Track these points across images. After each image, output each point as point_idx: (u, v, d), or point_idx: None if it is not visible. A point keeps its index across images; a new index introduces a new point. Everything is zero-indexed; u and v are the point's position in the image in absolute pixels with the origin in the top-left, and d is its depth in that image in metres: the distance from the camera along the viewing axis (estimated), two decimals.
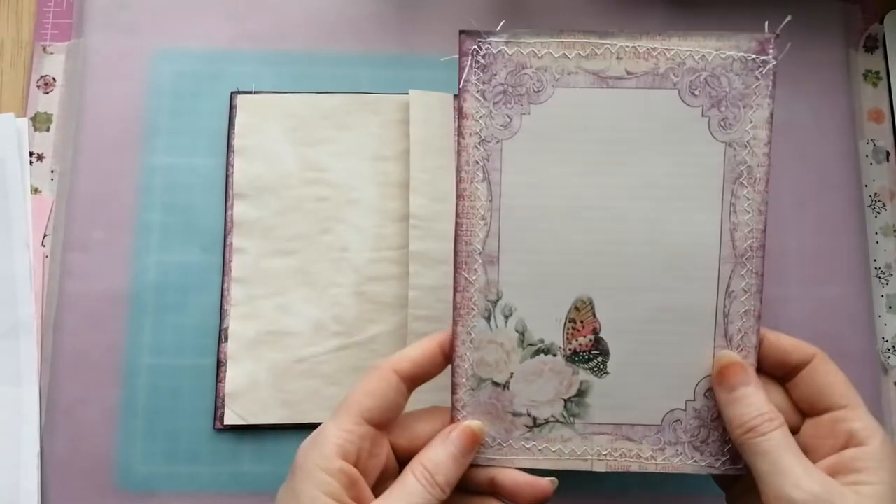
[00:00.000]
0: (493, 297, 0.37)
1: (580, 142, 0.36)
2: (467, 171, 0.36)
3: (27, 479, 0.43)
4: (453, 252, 0.37)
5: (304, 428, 0.43)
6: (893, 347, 0.46)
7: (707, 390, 0.36)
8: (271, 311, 0.45)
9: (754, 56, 0.36)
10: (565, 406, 0.37)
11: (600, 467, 0.37)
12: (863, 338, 0.46)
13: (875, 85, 0.50)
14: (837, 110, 0.48)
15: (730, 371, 0.35)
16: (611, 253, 0.36)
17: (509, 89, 0.36)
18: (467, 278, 0.37)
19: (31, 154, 0.47)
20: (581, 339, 0.37)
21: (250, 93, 0.47)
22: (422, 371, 0.36)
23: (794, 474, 0.32)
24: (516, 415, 0.37)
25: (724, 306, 0.36)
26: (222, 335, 0.45)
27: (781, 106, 0.48)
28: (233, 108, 0.47)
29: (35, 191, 0.47)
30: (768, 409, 0.34)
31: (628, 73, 0.36)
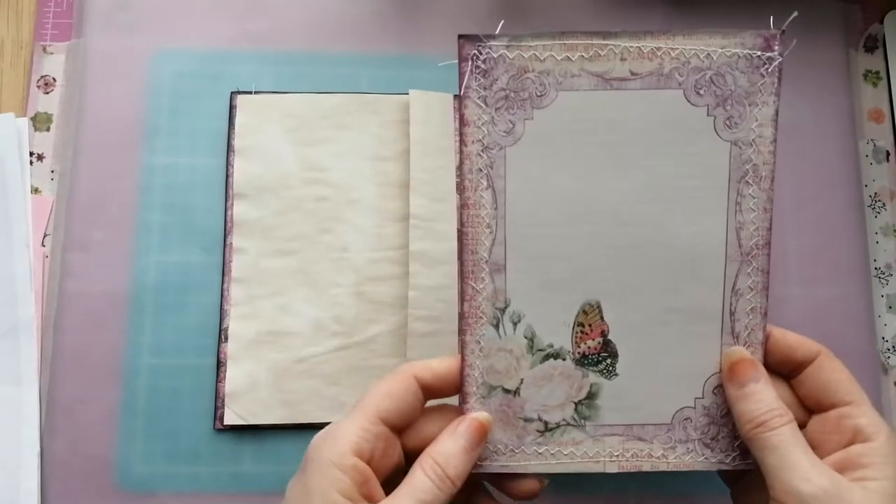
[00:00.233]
0: (500, 305, 0.37)
1: (585, 145, 0.36)
2: (471, 180, 0.36)
3: (27, 480, 0.43)
4: (459, 261, 0.37)
5: (304, 428, 0.43)
6: (893, 347, 0.46)
7: (716, 387, 0.36)
8: (271, 311, 0.45)
9: (759, 53, 0.36)
10: (576, 409, 0.37)
11: (612, 468, 0.37)
12: (863, 338, 0.46)
13: (875, 85, 0.50)
14: (837, 110, 0.48)
15: (740, 367, 0.35)
16: (617, 255, 0.36)
17: (511, 94, 0.36)
18: (474, 287, 0.36)
19: (31, 154, 0.47)
20: (590, 343, 0.37)
21: (250, 93, 0.47)
22: (441, 385, 0.36)
23: (803, 468, 0.32)
24: (528, 420, 0.37)
25: (731, 304, 0.36)
26: (222, 335, 0.45)
27: (782, 106, 0.48)
28: (233, 108, 0.47)
29: (35, 191, 0.47)
30: (778, 405, 0.34)
31: (632, 74, 0.35)
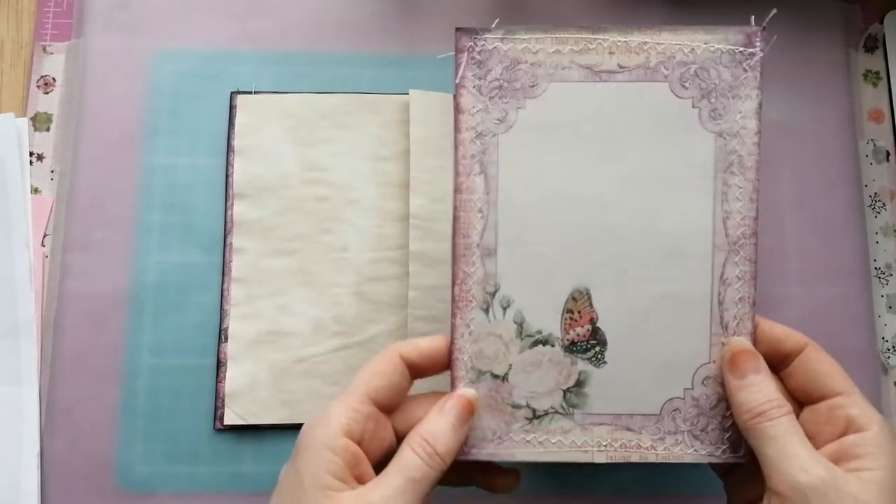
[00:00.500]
0: (491, 289, 0.37)
1: (574, 135, 0.37)
2: (464, 165, 0.37)
3: (27, 479, 0.43)
4: (452, 245, 0.37)
5: None
6: (893, 347, 0.46)
7: (705, 378, 0.37)
8: (271, 311, 0.45)
9: (742, 48, 0.37)
10: (564, 397, 0.37)
11: (601, 458, 0.37)
12: (863, 338, 0.46)
13: (875, 85, 0.50)
14: (837, 110, 0.48)
15: (741, 358, 0.35)
16: (606, 243, 0.37)
17: (505, 84, 0.37)
18: (465, 271, 0.37)
19: (31, 154, 0.47)
20: (579, 330, 0.37)
21: (250, 93, 0.47)
22: (427, 363, 0.36)
23: (801, 459, 0.32)
24: (516, 406, 0.37)
25: (719, 294, 0.37)
26: (222, 335, 0.45)
27: (782, 106, 0.48)
28: (233, 108, 0.47)
29: (35, 191, 0.47)
30: (777, 395, 0.34)
31: (620, 67, 0.37)
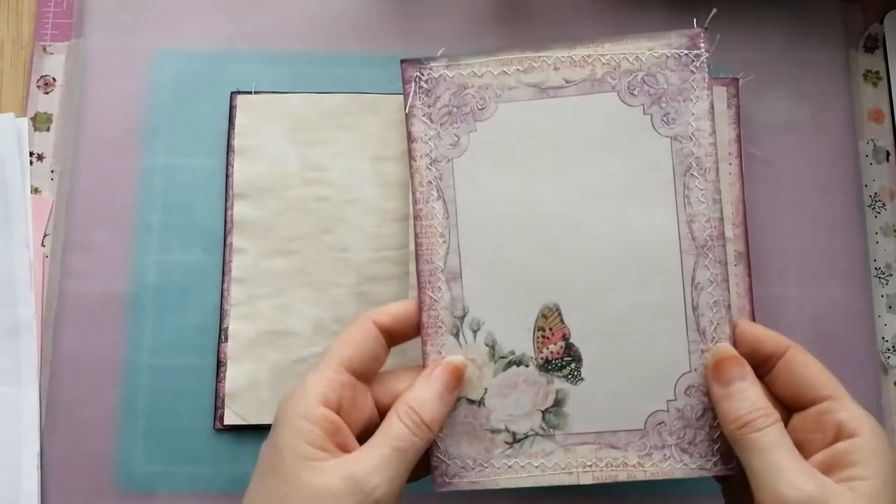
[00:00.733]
0: (459, 313, 0.37)
1: (528, 153, 0.37)
2: (422, 192, 0.37)
3: (27, 480, 0.43)
4: (416, 272, 0.37)
5: None
6: (893, 347, 0.46)
7: (688, 388, 0.36)
8: (271, 311, 0.45)
9: (686, 51, 0.37)
10: (543, 418, 0.37)
11: (587, 479, 0.36)
12: (863, 338, 0.46)
13: (875, 85, 0.50)
14: (837, 110, 0.48)
15: (726, 365, 0.34)
16: (571, 257, 0.37)
17: (454, 109, 0.38)
18: (432, 296, 0.37)
19: (31, 154, 0.47)
20: (552, 347, 0.37)
21: (250, 93, 0.47)
22: (400, 327, 0.36)
23: (790, 473, 0.31)
24: (495, 431, 0.36)
25: (693, 299, 0.36)
26: (222, 335, 0.45)
27: (782, 106, 0.48)
28: (233, 108, 0.47)
29: (35, 191, 0.47)
30: (764, 404, 0.33)
31: (566, 82, 0.37)
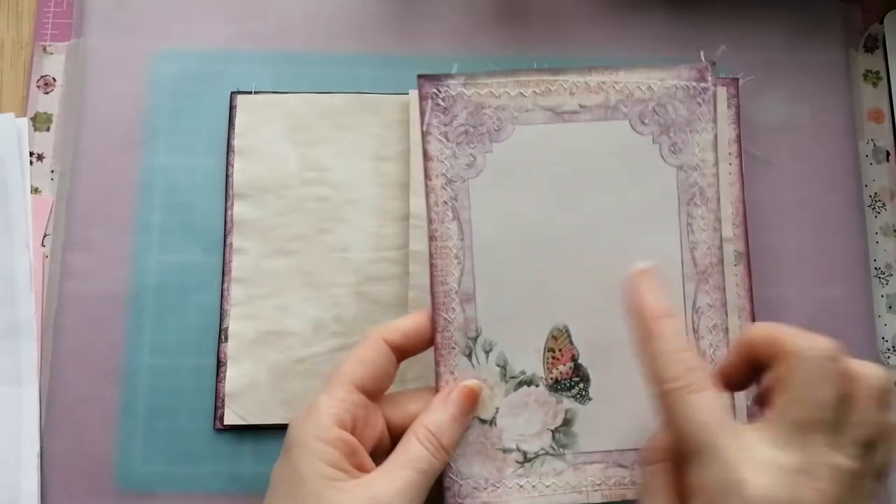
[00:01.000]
0: (472, 334, 0.37)
1: (542, 176, 0.38)
2: (437, 212, 0.37)
3: (27, 480, 0.43)
4: (430, 293, 0.37)
5: None
6: (893, 347, 0.46)
7: None
8: (271, 311, 0.45)
9: (695, 84, 0.38)
10: (553, 437, 0.37)
11: (596, 498, 0.37)
12: (863, 338, 0.46)
13: (875, 85, 0.50)
14: (837, 110, 0.48)
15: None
16: (580, 280, 0.37)
17: (471, 129, 0.38)
18: (446, 318, 0.37)
19: (31, 154, 0.47)
20: (561, 368, 0.37)
21: (250, 93, 0.47)
22: (411, 343, 0.36)
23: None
24: (506, 451, 0.37)
25: (693, 322, 0.37)
26: (222, 335, 0.45)
27: (782, 106, 0.48)
28: (233, 108, 0.47)
29: (35, 191, 0.47)
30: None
31: (581, 107, 0.38)
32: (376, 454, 0.35)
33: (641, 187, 0.38)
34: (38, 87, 0.48)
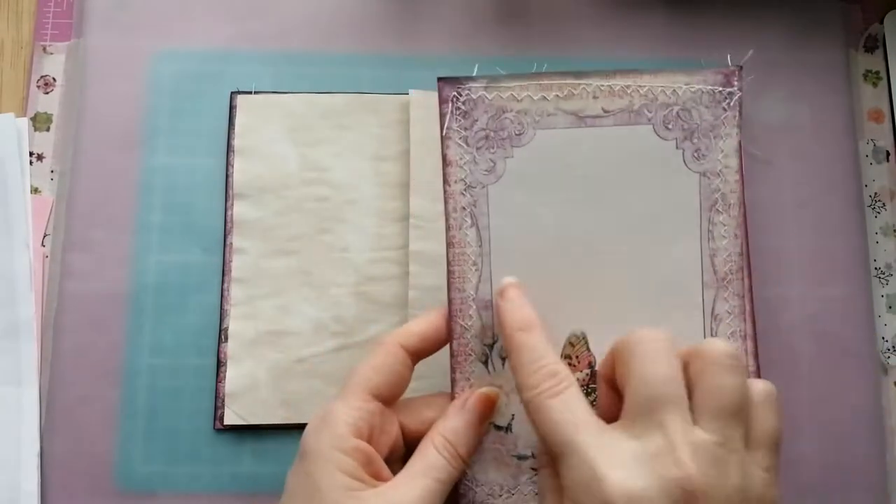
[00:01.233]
0: (489, 341, 0.37)
1: (563, 181, 0.37)
2: (455, 219, 0.37)
3: (27, 480, 0.43)
4: (447, 300, 0.37)
5: (304, 428, 0.43)
6: (893, 347, 0.46)
7: None
8: (271, 311, 0.45)
9: (721, 88, 0.37)
10: None
11: None
12: (863, 338, 0.46)
13: (875, 85, 0.50)
14: (837, 110, 0.48)
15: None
16: (599, 286, 0.37)
17: (491, 134, 0.37)
18: (463, 325, 0.37)
19: (31, 154, 0.47)
20: (578, 374, 0.37)
21: (250, 93, 0.47)
22: (427, 345, 0.36)
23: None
24: (521, 458, 0.37)
25: (712, 330, 0.37)
26: (222, 335, 0.45)
27: (782, 106, 0.48)
28: (233, 108, 0.47)
29: (35, 191, 0.47)
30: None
31: (605, 112, 0.37)
32: (391, 460, 0.35)
33: (663, 193, 0.37)
34: (38, 87, 0.48)
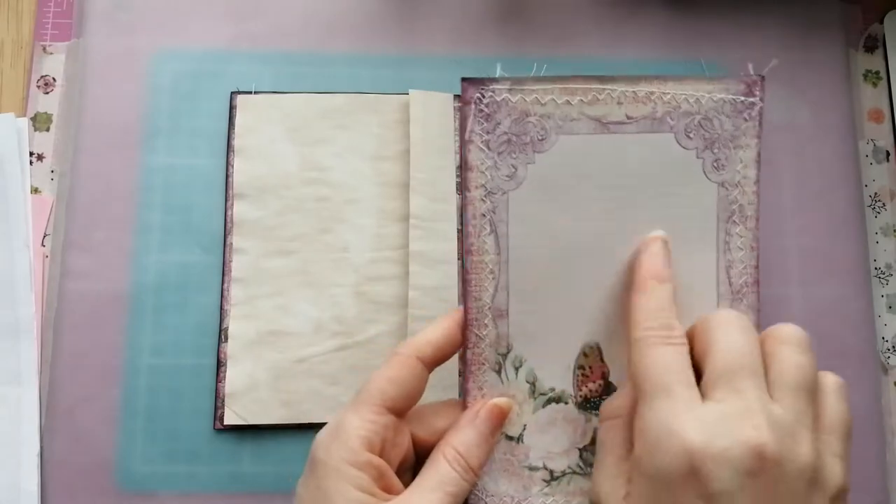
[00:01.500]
0: (503, 350, 0.36)
1: (583, 189, 0.36)
2: (474, 225, 0.36)
3: (27, 480, 0.43)
4: (464, 308, 0.36)
5: (304, 428, 0.43)
6: (893, 347, 0.46)
7: None
8: (271, 311, 0.45)
9: (742, 98, 0.36)
10: (581, 455, 0.37)
11: None
12: (863, 338, 0.46)
13: (875, 85, 0.50)
14: (837, 110, 0.48)
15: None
16: (614, 296, 0.36)
17: (513, 138, 0.36)
18: (478, 334, 0.36)
19: (31, 154, 0.47)
20: (591, 385, 0.37)
21: (250, 93, 0.47)
22: (443, 354, 0.36)
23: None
24: (533, 469, 0.36)
25: None
26: (222, 335, 0.45)
27: (782, 106, 0.48)
28: (233, 108, 0.47)
29: (35, 191, 0.47)
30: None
31: (628, 118, 0.36)
32: (401, 470, 0.35)
33: (681, 203, 0.36)
34: (38, 87, 0.48)
